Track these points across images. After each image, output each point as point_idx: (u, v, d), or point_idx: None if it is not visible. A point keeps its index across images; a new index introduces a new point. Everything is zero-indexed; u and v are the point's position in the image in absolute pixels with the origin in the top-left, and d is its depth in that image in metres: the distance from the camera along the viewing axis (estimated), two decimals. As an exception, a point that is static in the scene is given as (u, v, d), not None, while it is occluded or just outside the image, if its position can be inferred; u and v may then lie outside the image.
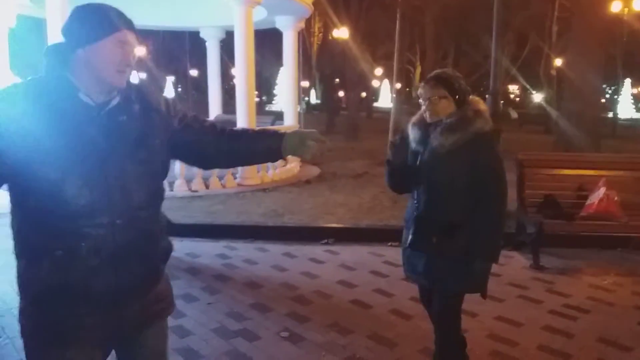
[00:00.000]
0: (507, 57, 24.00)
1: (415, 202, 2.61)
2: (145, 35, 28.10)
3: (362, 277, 4.53)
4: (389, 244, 5.33)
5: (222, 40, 12.66)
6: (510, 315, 3.78)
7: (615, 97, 35.06)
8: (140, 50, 30.46)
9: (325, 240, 5.51)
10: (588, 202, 5.07)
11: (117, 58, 1.56)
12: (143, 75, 31.74)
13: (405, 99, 41.48)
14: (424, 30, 30.25)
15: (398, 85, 15.99)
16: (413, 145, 2.63)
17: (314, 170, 10.13)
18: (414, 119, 2.69)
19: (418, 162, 2.58)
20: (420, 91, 2.59)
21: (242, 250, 5.25)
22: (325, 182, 8.89)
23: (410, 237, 2.60)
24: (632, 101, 38.17)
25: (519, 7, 20.57)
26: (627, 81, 36.44)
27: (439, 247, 2.51)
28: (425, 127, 2.60)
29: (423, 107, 2.60)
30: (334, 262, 4.94)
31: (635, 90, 38.05)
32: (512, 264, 4.94)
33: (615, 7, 13.67)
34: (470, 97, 2.57)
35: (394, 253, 5.08)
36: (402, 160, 2.65)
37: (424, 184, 2.56)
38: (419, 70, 42.22)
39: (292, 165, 9.66)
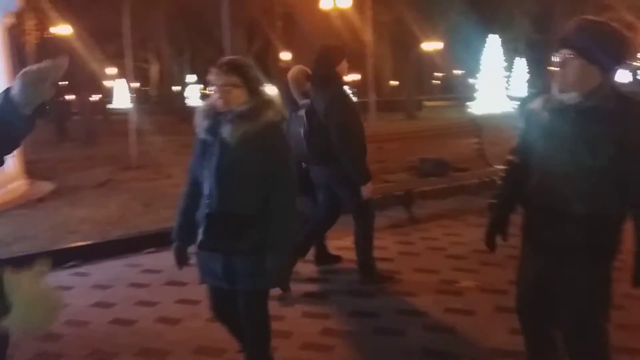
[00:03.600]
0: (239, 51, 25.05)
1: (207, 198, 2.43)
2: None
3: (120, 293, 4.15)
4: (146, 251, 5.03)
5: None
6: (273, 292, 3.91)
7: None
8: None
9: (72, 263, 4.86)
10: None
11: None
12: None
13: (143, 98, 39.80)
14: (156, 26, 29.33)
15: (136, 85, 15.20)
16: (202, 134, 2.45)
17: (47, 186, 8.81)
18: (204, 106, 2.51)
19: (207, 154, 2.42)
20: (212, 78, 2.42)
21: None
22: (62, 198, 7.84)
23: (200, 236, 2.41)
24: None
25: (247, 1, 21.58)
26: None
27: (232, 244, 2.36)
28: (215, 116, 2.43)
29: (214, 95, 2.42)
30: (85, 284, 4.40)
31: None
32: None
33: (325, 4, 15.33)
34: (261, 87, 2.49)
35: (152, 260, 4.81)
36: None
37: (215, 177, 2.39)
38: (155, 67, 40.92)
39: (17, 184, 8.28)
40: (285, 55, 24.64)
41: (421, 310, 3.58)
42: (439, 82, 47.53)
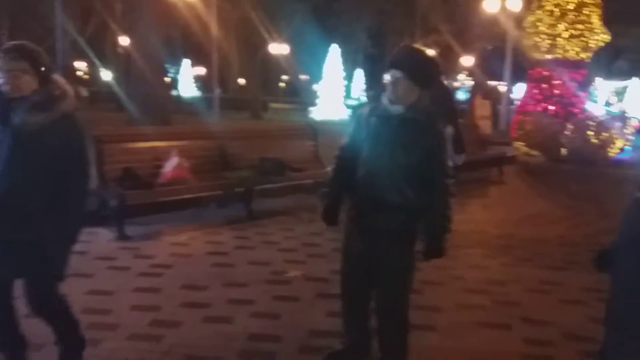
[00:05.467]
0: (71, 32, 22.93)
1: None
2: None
3: None
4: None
5: None
6: (101, 287, 3.85)
7: (178, 76, 38.67)
8: None
9: None
10: (163, 170, 5.56)
11: None
12: None
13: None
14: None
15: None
16: None
17: None
18: None
19: None
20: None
21: None
22: None
23: None
24: (193, 80, 42.72)
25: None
26: (187, 62, 40.44)
27: (20, 234, 2.37)
28: (5, 102, 2.37)
29: (1, 80, 2.36)
30: None
31: (194, 71, 42.66)
32: (98, 239, 4.95)
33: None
34: (52, 75, 2.48)
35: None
36: None
37: (6, 168, 2.34)
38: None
39: None
40: (125, 41, 23.15)
41: (250, 299, 3.78)
42: (285, 85, 48.83)
